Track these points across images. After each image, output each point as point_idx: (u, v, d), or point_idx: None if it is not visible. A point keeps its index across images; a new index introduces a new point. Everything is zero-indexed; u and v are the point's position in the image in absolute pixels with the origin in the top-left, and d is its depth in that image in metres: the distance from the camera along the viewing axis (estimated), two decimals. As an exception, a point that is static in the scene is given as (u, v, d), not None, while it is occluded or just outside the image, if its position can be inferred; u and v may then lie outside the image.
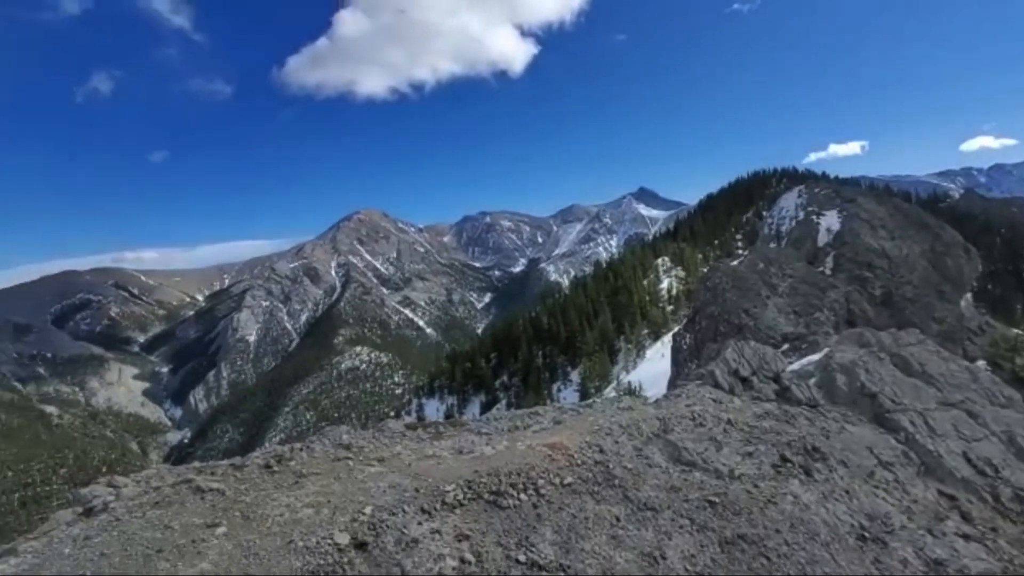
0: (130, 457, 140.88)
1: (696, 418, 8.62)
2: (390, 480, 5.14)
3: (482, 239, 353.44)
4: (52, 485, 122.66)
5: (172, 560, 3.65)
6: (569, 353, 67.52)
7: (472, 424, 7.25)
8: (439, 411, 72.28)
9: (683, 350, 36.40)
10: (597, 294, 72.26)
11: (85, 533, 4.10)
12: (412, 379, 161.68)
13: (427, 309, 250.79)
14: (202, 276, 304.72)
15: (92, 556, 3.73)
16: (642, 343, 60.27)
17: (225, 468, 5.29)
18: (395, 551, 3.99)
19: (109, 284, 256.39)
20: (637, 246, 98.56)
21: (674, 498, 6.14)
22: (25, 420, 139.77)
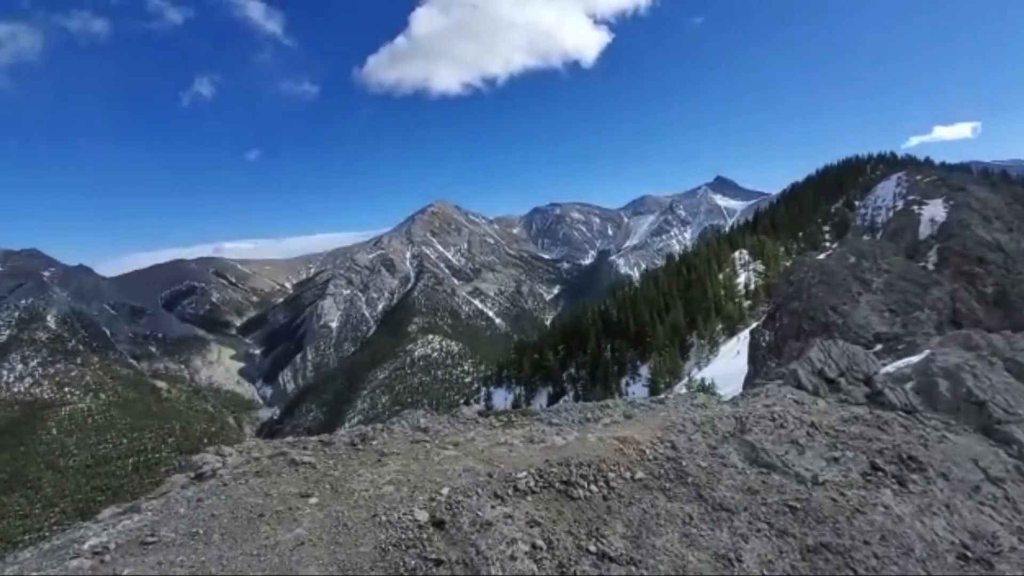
0: (227, 430, 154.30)
1: (776, 419, 8.23)
2: (464, 464, 5.35)
3: (552, 231, 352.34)
4: (161, 452, 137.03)
5: (272, 524, 4.03)
6: (639, 347, 66.15)
7: (543, 414, 7.36)
8: (506, 400, 73.32)
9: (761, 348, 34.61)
10: (669, 288, 70.11)
11: (197, 495, 4.61)
12: (481, 368, 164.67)
13: (496, 300, 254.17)
14: (290, 266, 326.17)
15: (204, 516, 4.20)
16: (716, 339, 57.95)
17: (315, 444, 5.72)
18: (470, 531, 4.18)
19: (211, 272, 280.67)
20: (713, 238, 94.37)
21: (751, 500, 5.93)
22: (139, 393, 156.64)
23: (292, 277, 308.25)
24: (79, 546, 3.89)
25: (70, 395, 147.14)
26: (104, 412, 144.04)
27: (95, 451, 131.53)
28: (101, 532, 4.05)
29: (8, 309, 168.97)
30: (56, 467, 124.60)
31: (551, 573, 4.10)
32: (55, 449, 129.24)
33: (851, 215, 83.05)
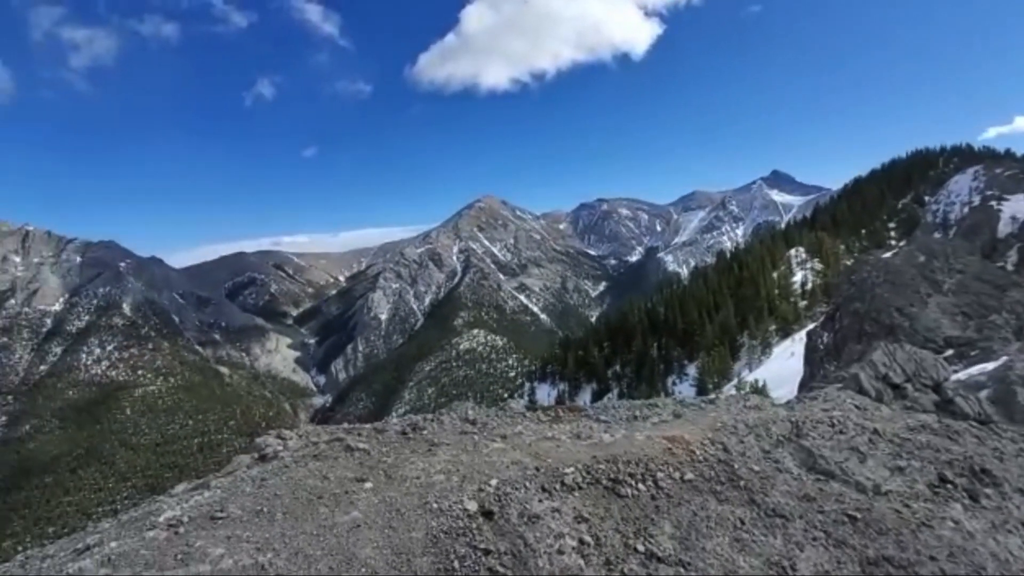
0: (283, 415, 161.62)
1: (835, 424, 7.88)
2: (512, 457, 5.41)
3: (598, 227, 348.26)
4: (223, 434, 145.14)
5: (330, 506, 4.23)
6: (686, 346, 64.70)
7: (590, 411, 7.34)
8: (550, 396, 73.36)
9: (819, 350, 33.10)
10: (719, 286, 68.07)
11: (261, 476, 4.88)
12: (525, 363, 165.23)
13: (541, 295, 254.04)
14: (343, 259, 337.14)
15: (267, 495, 4.45)
16: (768, 340, 55.87)
17: (369, 431, 5.94)
18: (518, 523, 4.24)
19: (270, 265, 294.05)
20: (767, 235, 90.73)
21: (807, 508, 5.72)
22: (203, 378, 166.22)
23: (345, 270, 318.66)
24: (155, 518, 4.20)
25: (142, 378, 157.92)
26: (172, 395, 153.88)
27: (164, 431, 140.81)
28: (175, 506, 4.37)
29: (88, 297, 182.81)
30: (129, 444, 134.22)
31: (598, 570, 4.10)
32: (128, 428, 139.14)
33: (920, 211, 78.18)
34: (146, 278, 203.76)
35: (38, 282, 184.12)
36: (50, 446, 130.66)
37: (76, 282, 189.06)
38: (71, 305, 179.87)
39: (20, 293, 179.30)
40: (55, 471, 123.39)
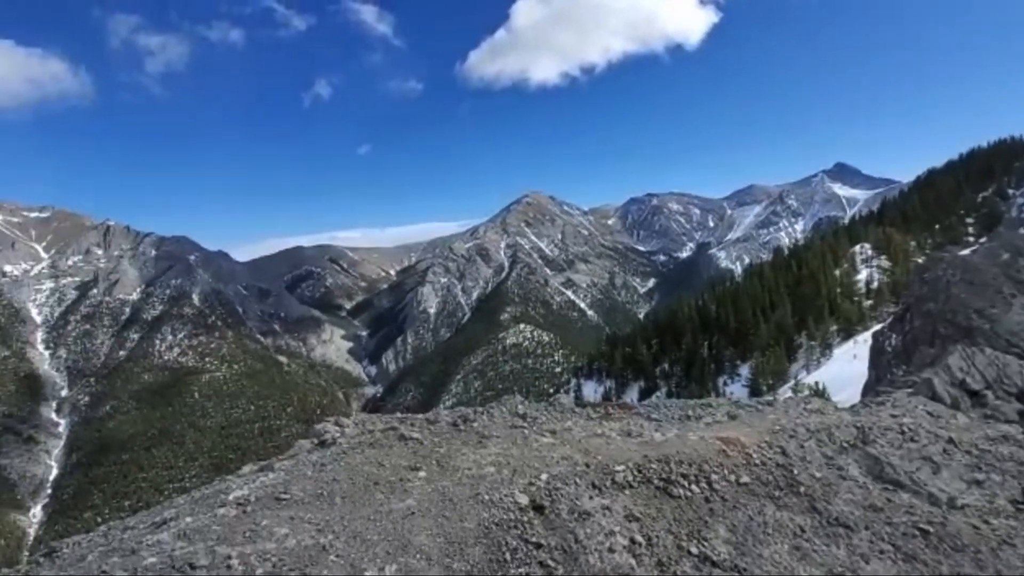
0: (337, 404, 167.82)
1: (906, 432, 7.42)
2: (562, 452, 5.41)
3: (648, 222, 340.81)
4: (282, 420, 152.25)
5: (386, 493, 4.37)
6: (739, 346, 62.53)
7: (641, 408, 7.23)
8: (596, 393, 72.71)
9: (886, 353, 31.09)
10: (776, 283, 65.24)
11: (321, 460, 5.10)
12: (571, 359, 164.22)
13: (588, 291, 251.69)
14: (394, 254, 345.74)
15: (327, 479, 4.64)
16: (829, 341, 53.11)
17: (421, 422, 6.09)
18: (568, 519, 4.24)
19: (326, 259, 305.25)
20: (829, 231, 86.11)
21: (874, 518, 5.43)
22: (264, 366, 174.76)
23: (395, 264, 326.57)
24: (225, 496, 4.46)
25: (209, 364, 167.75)
26: (236, 381, 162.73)
27: (228, 415, 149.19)
28: (243, 486, 4.63)
29: (161, 288, 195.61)
30: (197, 426, 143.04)
31: (650, 570, 4.04)
32: (196, 410, 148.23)
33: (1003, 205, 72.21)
34: (213, 271, 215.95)
35: (118, 273, 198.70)
36: (127, 426, 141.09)
37: (151, 274, 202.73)
38: (147, 295, 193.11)
39: (102, 283, 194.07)
40: (131, 449, 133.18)
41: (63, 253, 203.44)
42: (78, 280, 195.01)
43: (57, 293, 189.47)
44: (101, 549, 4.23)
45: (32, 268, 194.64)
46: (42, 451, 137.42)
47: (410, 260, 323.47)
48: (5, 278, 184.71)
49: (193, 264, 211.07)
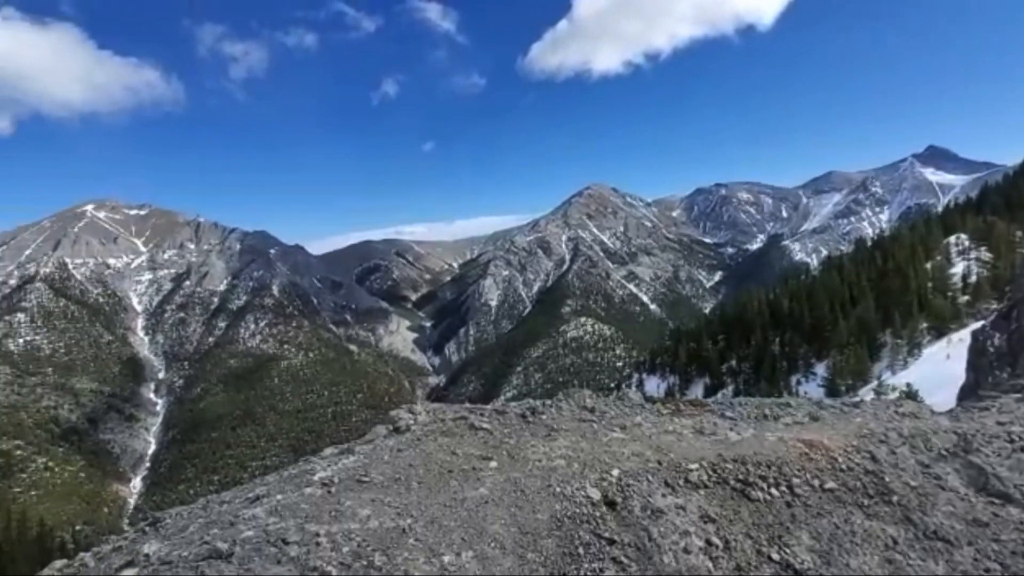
0: (403, 392, 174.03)
1: (1015, 441, 6.71)
2: (632, 448, 5.31)
3: (715, 213, 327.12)
4: (352, 405, 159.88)
5: (459, 481, 4.47)
6: (813, 343, 59.01)
7: (714, 406, 6.97)
8: (659, 388, 71.05)
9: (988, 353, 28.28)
10: (857, 277, 60.78)
11: (397, 446, 5.29)
12: (633, 354, 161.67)
13: (651, 285, 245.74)
14: (457, 247, 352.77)
15: (403, 465, 4.81)
16: (917, 340, 48.90)
17: (491, 412, 6.17)
18: (641, 516, 4.16)
19: (393, 252, 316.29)
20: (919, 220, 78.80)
21: (978, 534, 4.96)
22: (336, 354, 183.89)
23: (459, 257, 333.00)
24: (311, 476, 4.73)
25: (287, 351, 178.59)
26: (311, 368, 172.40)
27: (304, 399, 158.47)
28: (327, 467, 4.89)
29: (245, 280, 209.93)
30: (277, 409, 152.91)
31: (728, 574, 3.91)
32: (276, 394, 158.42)
33: None
34: (290, 264, 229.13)
35: (207, 266, 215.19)
36: (216, 406, 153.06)
37: (236, 266, 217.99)
38: (232, 286, 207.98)
39: (194, 275, 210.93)
40: (219, 428, 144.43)
41: (159, 247, 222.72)
42: (173, 272, 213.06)
43: (155, 284, 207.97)
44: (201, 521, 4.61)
45: (133, 261, 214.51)
46: (142, 428, 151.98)
47: (472, 253, 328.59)
48: (109, 270, 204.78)
49: (273, 258, 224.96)
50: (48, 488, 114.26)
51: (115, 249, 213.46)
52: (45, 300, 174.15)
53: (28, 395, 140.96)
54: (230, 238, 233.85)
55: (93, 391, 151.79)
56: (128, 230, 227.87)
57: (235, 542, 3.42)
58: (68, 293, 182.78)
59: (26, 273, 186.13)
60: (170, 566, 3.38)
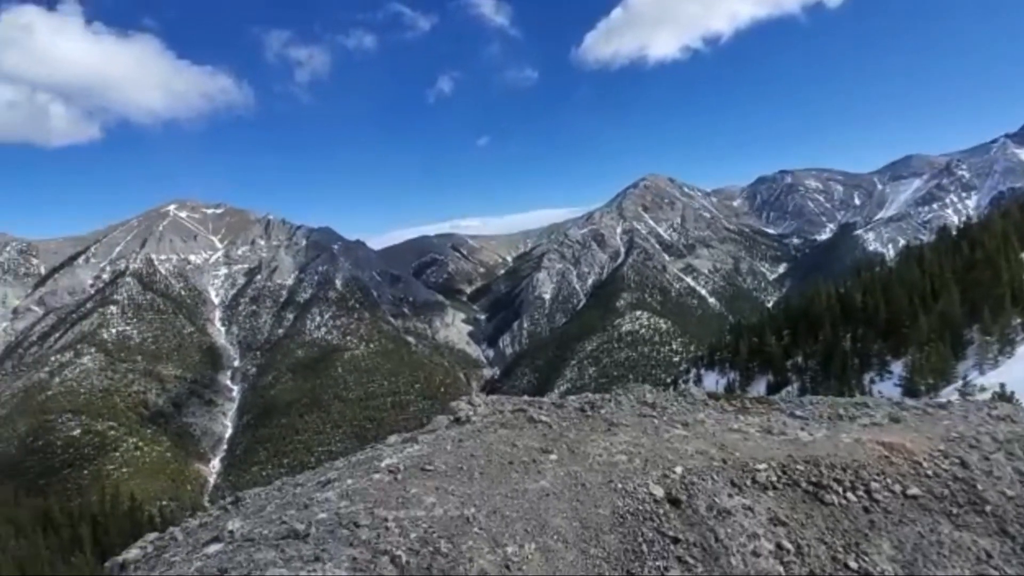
0: (459, 384, 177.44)
1: None
2: (696, 445, 5.18)
3: (779, 202, 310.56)
4: (410, 395, 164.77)
5: (520, 473, 4.52)
6: (889, 339, 54.94)
7: (783, 404, 6.66)
8: (718, 384, 68.62)
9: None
10: (940, 268, 55.96)
11: (459, 437, 5.40)
12: (690, 348, 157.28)
13: (710, 278, 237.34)
14: (511, 240, 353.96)
15: (465, 455, 4.91)
16: (1011, 337, 44.58)
17: (549, 405, 6.18)
18: (707, 516, 4.06)
19: (448, 246, 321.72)
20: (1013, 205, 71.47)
21: (1087, 551, 4.51)
22: (395, 346, 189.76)
23: (512, 251, 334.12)
24: (378, 463, 4.92)
25: (350, 343, 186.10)
26: (372, 358, 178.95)
27: (366, 388, 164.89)
28: (392, 455, 5.06)
29: (311, 274, 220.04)
30: (341, 397, 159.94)
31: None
32: (340, 383, 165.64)
33: None
34: (352, 259, 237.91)
35: (277, 261, 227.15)
36: (285, 394, 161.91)
37: (303, 261, 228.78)
38: (299, 280, 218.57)
39: (264, 270, 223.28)
40: (288, 414, 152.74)
41: (234, 244, 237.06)
42: (246, 267, 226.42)
43: (230, 278, 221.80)
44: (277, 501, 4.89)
45: (210, 257, 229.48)
46: (220, 412, 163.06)
47: (526, 246, 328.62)
48: (190, 266, 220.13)
49: (336, 253, 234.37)
50: (138, 466, 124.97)
51: (195, 246, 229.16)
52: (134, 293, 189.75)
53: (120, 380, 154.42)
54: (297, 234, 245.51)
55: (177, 377, 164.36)
56: (206, 228, 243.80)
57: (310, 523, 3.61)
58: (154, 287, 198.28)
59: (117, 269, 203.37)
60: (252, 543, 3.62)
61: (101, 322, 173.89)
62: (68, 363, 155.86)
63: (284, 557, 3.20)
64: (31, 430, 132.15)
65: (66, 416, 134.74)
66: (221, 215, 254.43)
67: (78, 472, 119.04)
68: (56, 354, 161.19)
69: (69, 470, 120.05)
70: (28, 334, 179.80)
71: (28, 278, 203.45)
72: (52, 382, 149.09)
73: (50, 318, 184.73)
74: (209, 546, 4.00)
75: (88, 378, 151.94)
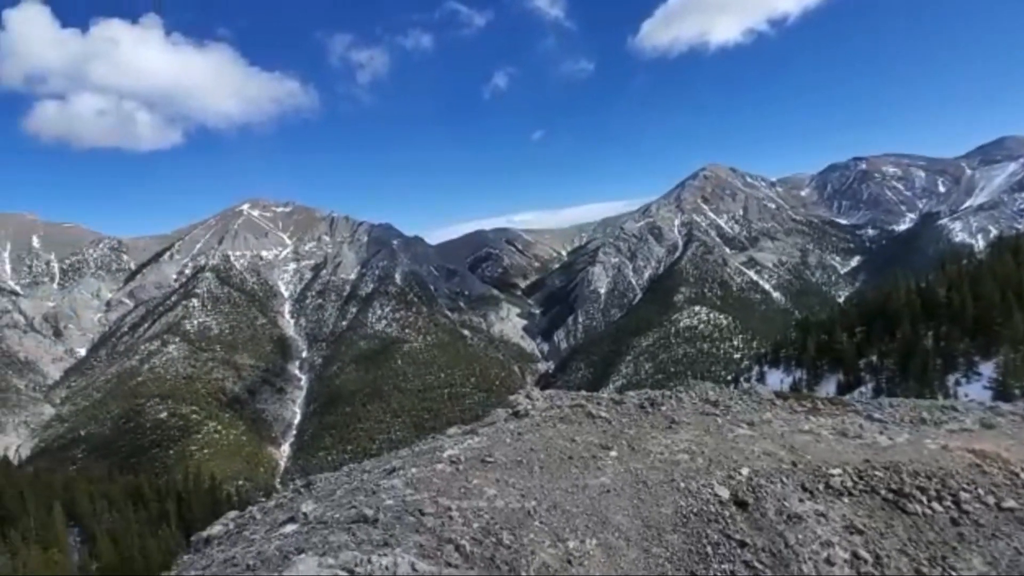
0: (513, 377, 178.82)
1: None
2: (763, 446, 4.98)
3: (853, 191, 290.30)
4: (466, 388, 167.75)
5: (580, 468, 4.51)
6: (977, 338, 50.46)
7: (859, 405, 6.28)
8: (783, 383, 65.39)
9: None
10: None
11: (517, 430, 5.46)
12: (752, 345, 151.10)
13: (775, 271, 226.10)
14: (566, 234, 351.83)
15: (525, 448, 4.96)
16: None
17: (607, 401, 6.13)
18: (776, 520, 3.90)
19: (503, 241, 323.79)
20: None
21: None
22: (451, 339, 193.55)
23: (567, 245, 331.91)
24: (440, 454, 5.05)
25: (408, 335, 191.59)
26: (429, 351, 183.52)
27: (424, 380, 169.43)
28: (453, 446, 5.19)
29: (372, 269, 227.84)
30: (400, 388, 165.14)
31: (880, 592, 3.54)
32: (399, 375, 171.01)
33: None
34: (411, 254, 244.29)
35: (340, 257, 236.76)
36: (349, 383, 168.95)
37: (364, 257, 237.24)
38: (361, 275, 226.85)
39: (329, 265, 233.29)
40: (351, 403, 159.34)
41: (301, 240, 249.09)
42: (312, 263, 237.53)
43: (298, 273, 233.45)
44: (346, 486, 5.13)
45: (280, 253, 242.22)
46: (289, 399, 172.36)
47: (581, 240, 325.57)
48: (262, 261, 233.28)
49: (395, 248, 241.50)
50: (217, 448, 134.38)
51: (266, 243, 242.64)
52: (213, 287, 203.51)
53: (201, 368, 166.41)
54: (359, 230, 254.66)
55: (251, 366, 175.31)
56: (276, 225, 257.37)
57: (379, 509, 3.77)
58: (231, 282, 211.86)
59: (198, 264, 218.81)
60: (325, 525, 3.82)
61: (184, 314, 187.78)
62: (156, 352, 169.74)
63: (356, 540, 3.36)
64: (123, 413, 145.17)
65: (154, 400, 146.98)
66: (290, 213, 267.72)
67: (164, 452, 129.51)
68: (145, 343, 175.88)
69: (157, 450, 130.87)
70: (120, 324, 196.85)
71: (119, 273, 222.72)
72: (142, 369, 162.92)
73: (139, 310, 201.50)
74: (285, 526, 4.26)
75: (173, 366, 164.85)
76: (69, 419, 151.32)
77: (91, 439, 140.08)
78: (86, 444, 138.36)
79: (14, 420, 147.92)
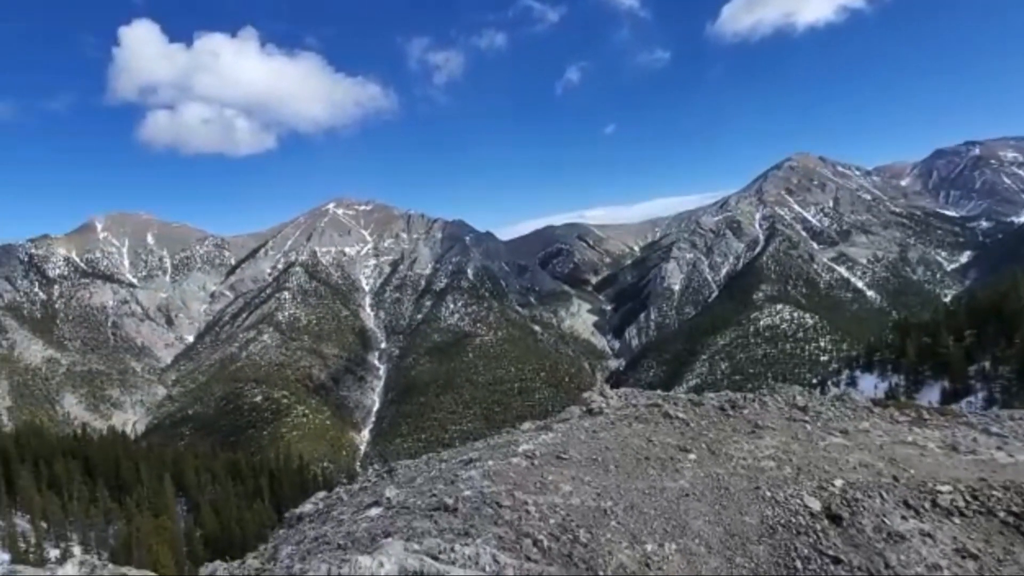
0: (583, 374, 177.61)
1: None
2: (859, 457, 4.64)
3: (963, 179, 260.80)
4: (536, 383, 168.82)
5: (657, 469, 4.42)
6: None
7: (972, 417, 5.68)
8: (877, 389, 60.26)
9: None
10: None
11: (592, 428, 5.43)
12: (842, 347, 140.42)
13: (869, 268, 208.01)
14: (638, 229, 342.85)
15: (600, 447, 4.93)
16: None
17: (685, 402, 5.95)
18: (875, 538, 3.62)
19: (574, 236, 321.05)
20: None
21: None
22: (521, 334, 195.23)
23: (640, 240, 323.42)
24: (515, 448, 5.14)
25: (480, 329, 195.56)
26: (500, 345, 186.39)
27: (494, 373, 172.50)
28: (528, 441, 5.26)
29: (445, 265, 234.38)
30: (472, 381, 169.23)
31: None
32: (471, 367, 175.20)
33: None
34: (483, 249, 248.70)
35: (416, 253, 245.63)
36: (423, 375, 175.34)
37: (439, 252, 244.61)
38: (435, 270, 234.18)
39: (406, 261, 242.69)
40: (426, 394, 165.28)
41: (381, 237, 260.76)
42: (390, 259, 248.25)
43: (377, 268, 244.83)
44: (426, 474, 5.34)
45: (361, 249, 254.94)
46: (369, 388, 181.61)
47: (654, 235, 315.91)
48: (345, 257, 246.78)
49: (468, 244, 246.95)
50: (304, 431, 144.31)
51: (349, 240, 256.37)
52: (302, 281, 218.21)
53: (291, 356, 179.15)
54: (433, 227, 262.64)
55: (335, 355, 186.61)
56: (358, 223, 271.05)
57: (458, 499, 3.91)
58: (318, 276, 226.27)
59: (289, 260, 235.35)
60: (408, 511, 4.01)
61: (277, 306, 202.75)
62: (252, 340, 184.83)
63: (438, 528, 3.50)
64: (224, 395, 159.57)
65: (251, 384, 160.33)
66: (371, 211, 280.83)
67: (259, 432, 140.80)
68: (243, 332, 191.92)
69: (252, 430, 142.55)
70: (222, 315, 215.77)
71: (222, 268, 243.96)
72: (240, 355, 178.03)
73: (238, 302, 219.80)
74: (370, 509, 4.52)
75: (267, 353, 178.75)
76: (178, 399, 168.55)
77: (197, 418, 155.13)
78: (193, 423, 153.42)
79: (132, 399, 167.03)
